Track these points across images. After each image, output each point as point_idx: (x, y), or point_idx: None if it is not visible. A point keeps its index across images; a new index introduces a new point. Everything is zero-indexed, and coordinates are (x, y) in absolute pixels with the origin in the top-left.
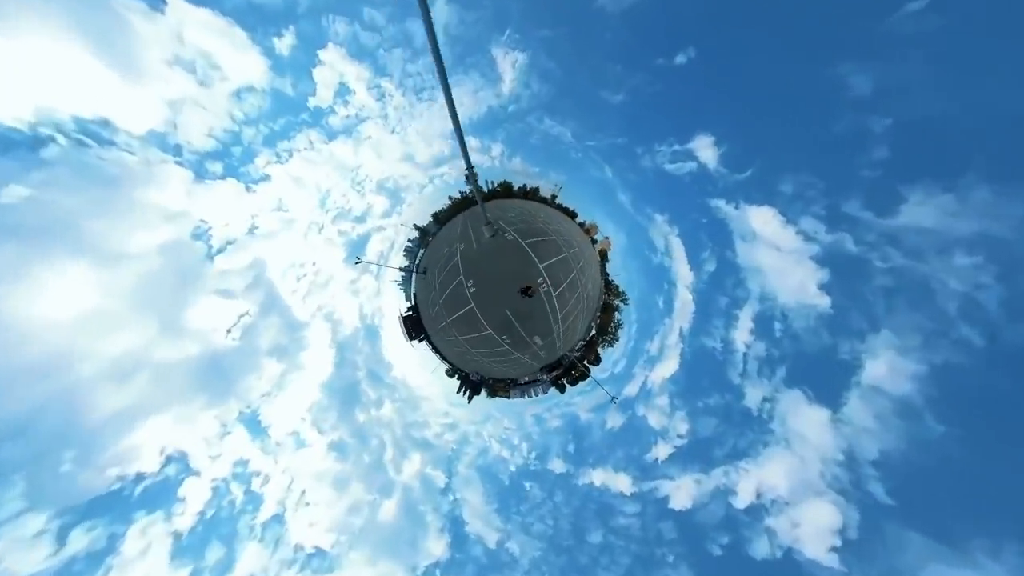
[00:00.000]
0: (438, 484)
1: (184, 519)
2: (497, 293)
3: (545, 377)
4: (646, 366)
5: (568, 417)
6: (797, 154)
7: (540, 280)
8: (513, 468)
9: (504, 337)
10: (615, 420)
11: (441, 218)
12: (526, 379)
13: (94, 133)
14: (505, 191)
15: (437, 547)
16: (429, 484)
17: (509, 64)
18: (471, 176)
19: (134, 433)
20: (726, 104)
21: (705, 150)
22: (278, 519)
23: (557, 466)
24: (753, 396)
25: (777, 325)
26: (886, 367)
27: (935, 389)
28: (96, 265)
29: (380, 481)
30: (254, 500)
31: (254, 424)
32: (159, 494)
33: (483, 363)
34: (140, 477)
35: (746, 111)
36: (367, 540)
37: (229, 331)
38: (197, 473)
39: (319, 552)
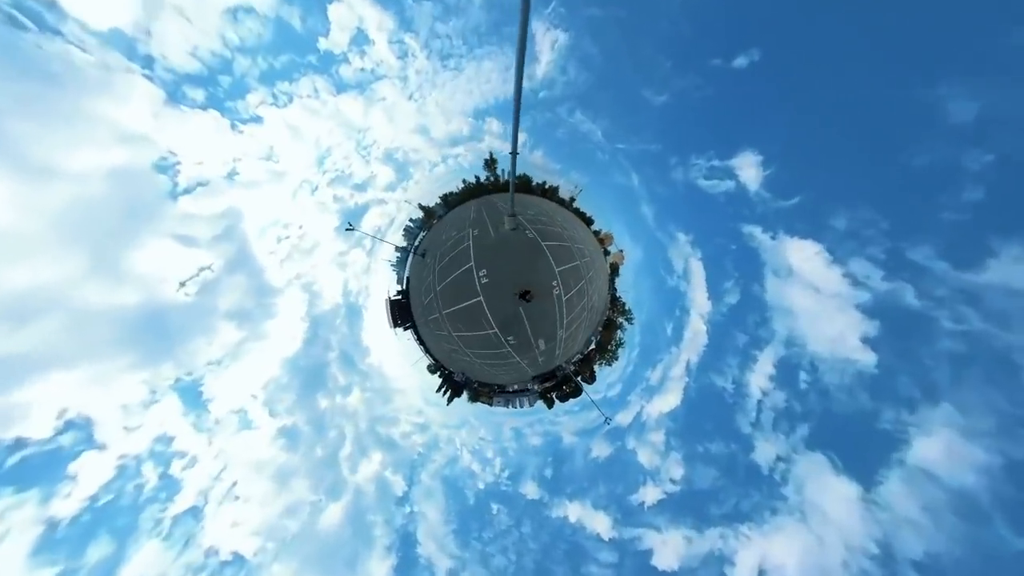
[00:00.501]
0: (396, 491)
1: (67, 503)
2: (511, 288)
3: (535, 387)
4: (644, 395)
5: (550, 437)
6: (860, 185)
7: (554, 283)
8: (482, 485)
9: (510, 338)
10: (601, 448)
11: (451, 201)
12: (515, 387)
13: (34, 14)
14: (522, 185)
15: (379, 570)
16: (386, 490)
17: (548, 43)
18: (513, 158)
19: (24, 388)
20: (784, 119)
21: (748, 169)
22: (195, 513)
23: (530, 491)
24: (765, 452)
25: (803, 375)
26: (943, 449)
27: (1012, 488)
28: (16, 176)
29: (330, 479)
30: (169, 487)
31: (192, 395)
32: (41, 468)
33: (472, 363)
34: (20, 444)
35: (806, 129)
36: (298, 551)
37: (183, 284)
38: (102, 447)
39: (236, 559)
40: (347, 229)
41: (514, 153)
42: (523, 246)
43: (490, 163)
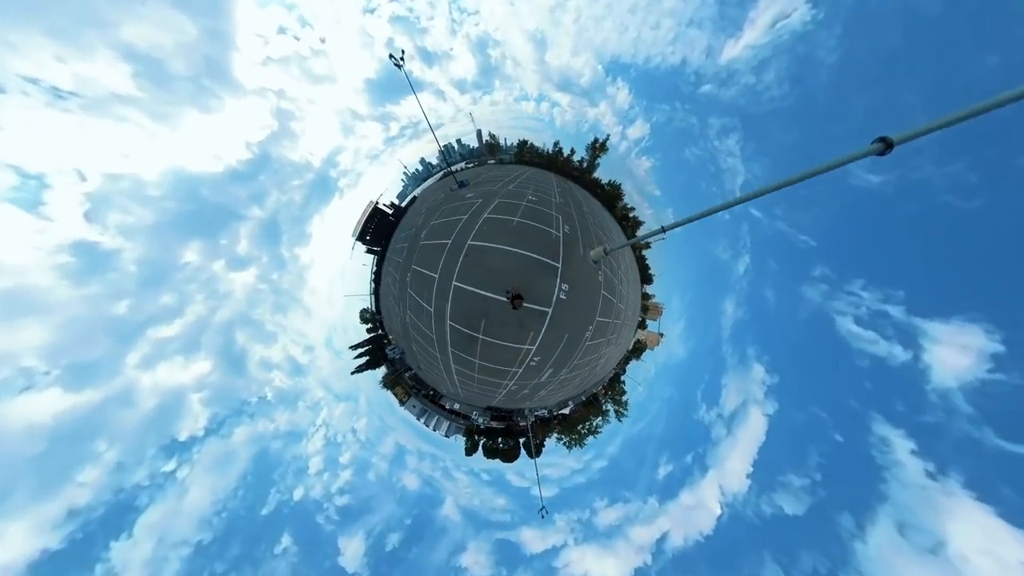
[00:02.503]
0: (179, 431)
1: None
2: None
3: (478, 418)
4: (577, 530)
5: (434, 488)
6: None
7: (590, 327)
8: (297, 497)
9: (523, 335)
10: (480, 552)
11: (527, 155)
12: (453, 405)
13: None
14: (610, 194)
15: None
16: (167, 419)
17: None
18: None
19: None
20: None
21: (951, 345)
22: None
23: (352, 548)
24: None
25: None
26: None
27: None
28: None
29: (109, 357)
30: None
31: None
32: None
33: (424, 350)
34: None
35: None
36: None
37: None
38: None
39: None
40: (393, 61)
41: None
42: (583, 275)
43: (597, 148)
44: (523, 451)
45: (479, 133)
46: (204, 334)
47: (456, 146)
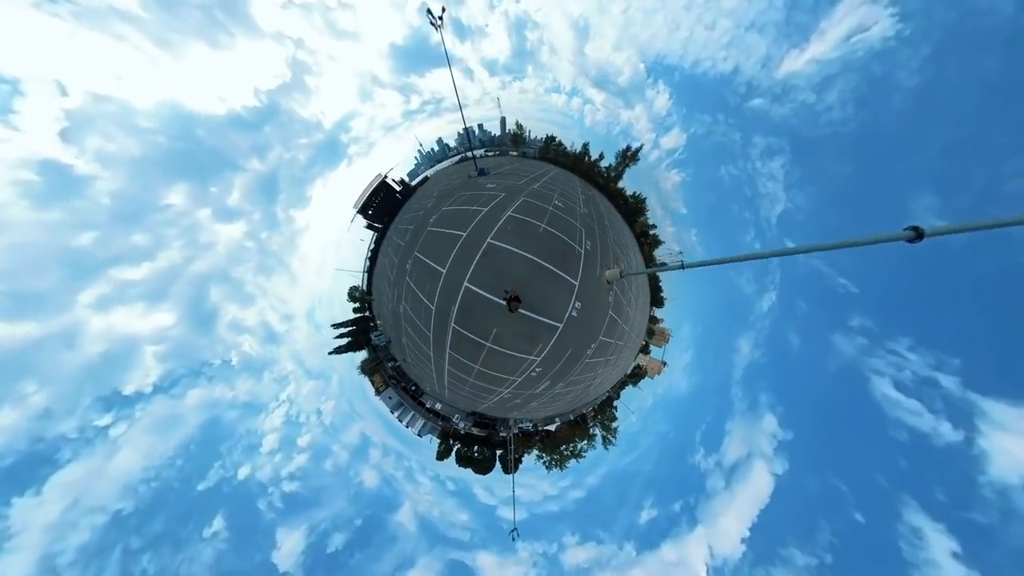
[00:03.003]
0: (122, 384)
1: None
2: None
3: (460, 423)
4: (541, 566)
5: (393, 488)
6: None
7: (593, 345)
8: (246, 475)
9: (530, 347)
10: (428, 572)
11: (550, 154)
12: (435, 404)
13: None
14: (633, 207)
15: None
16: (125, 360)
17: None
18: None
19: None
20: None
21: (1006, 432)
22: None
23: (290, 545)
24: None
25: None
26: None
27: None
28: None
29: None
30: None
31: None
32: None
33: (414, 345)
34: None
35: None
36: None
37: None
38: None
39: None
40: (430, 19)
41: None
42: (594, 293)
43: (628, 157)
44: (498, 464)
45: (503, 121)
46: (174, 284)
47: (477, 131)
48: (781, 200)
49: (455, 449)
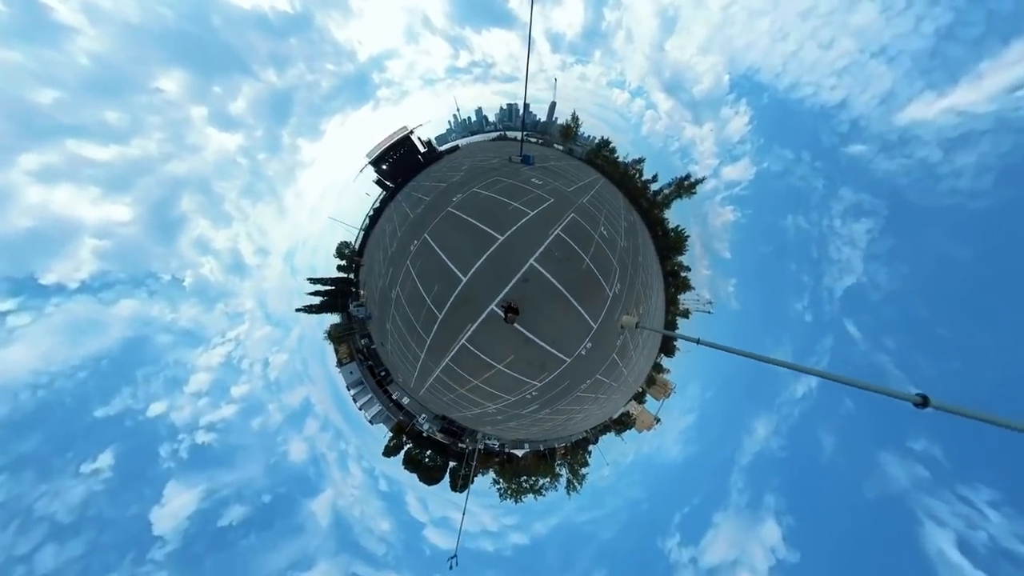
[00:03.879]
0: (76, 274)
1: None
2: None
3: (426, 424)
4: None
5: (320, 467)
6: None
7: (588, 381)
8: (178, 420)
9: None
10: None
11: (599, 160)
12: (401, 397)
13: None
14: (672, 242)
15: None
16: (55, 245)
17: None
18: None
19: None
20: None
21: None
22: None
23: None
24: None
25: None
26: None
27: None
28: None
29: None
30: None
31: None
32: None
33: (400, 334)
34: None
35: None
36: None
37: None
38: None
39: None
40: None
41: None
42: (605, 333)
43: (683, 186)
44: (448, 478)
45: (552, 106)
46: (142, 177)
47: (521, 110)
48: (855, 272)
49: (406, 448)
